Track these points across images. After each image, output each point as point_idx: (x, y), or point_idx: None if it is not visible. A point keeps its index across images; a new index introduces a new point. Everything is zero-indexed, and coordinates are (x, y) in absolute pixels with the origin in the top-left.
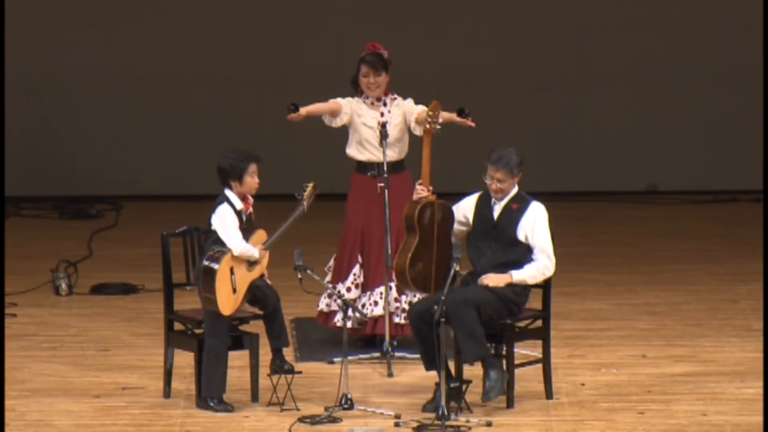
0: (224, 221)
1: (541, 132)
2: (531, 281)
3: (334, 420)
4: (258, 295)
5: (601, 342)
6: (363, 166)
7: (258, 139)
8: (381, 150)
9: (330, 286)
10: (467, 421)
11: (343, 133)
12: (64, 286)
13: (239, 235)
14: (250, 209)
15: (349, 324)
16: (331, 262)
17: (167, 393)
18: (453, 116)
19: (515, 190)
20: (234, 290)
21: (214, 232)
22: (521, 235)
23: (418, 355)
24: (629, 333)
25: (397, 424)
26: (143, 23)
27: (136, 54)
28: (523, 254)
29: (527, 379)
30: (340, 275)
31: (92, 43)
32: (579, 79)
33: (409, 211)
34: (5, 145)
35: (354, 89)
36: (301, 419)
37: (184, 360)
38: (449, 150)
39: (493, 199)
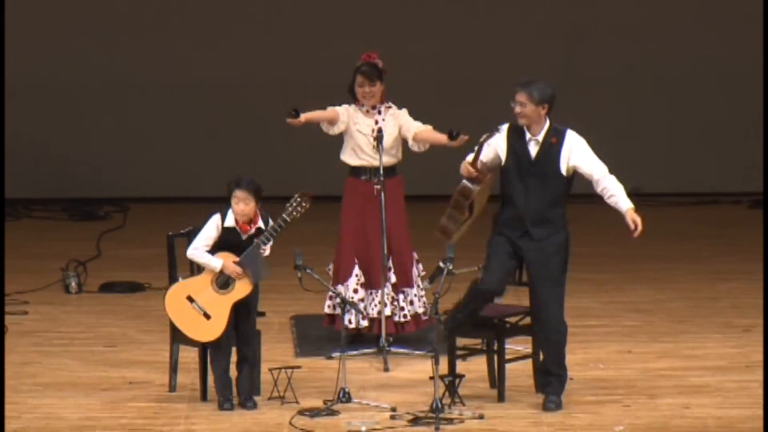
0: (203, 227)
1: None
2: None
3: (333, 413)
4: (238, 338)
5: (589, 338)
6: (356, 171)
7: (259, 142)
8: (374, 155)
9: (331, 287)
10: (460, 414)
11: (340, 138)
12: (74, 284)
13: (201, 241)
14: (251, 231)
15: (353, 324)
16: (331, 266)
17: (172, 387)
18: (444, 140)
19: (547, 123)
20: (207, 316)
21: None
22: (563, 168)
23: (412, 351)
24: (616, 330)
25: (392, 417)
26: (148, 29)
27: (141, 59)
28: (561, 185)
29: (518, 373)
30: (340, 277)
31: (99, 48)
32: (566, 84)
33: (465, 192)
34: (15, 148)
35: (352, 97)
36: (301, 412)
37: (189, 355)
38: (444, 153)
39: (528, 135)
